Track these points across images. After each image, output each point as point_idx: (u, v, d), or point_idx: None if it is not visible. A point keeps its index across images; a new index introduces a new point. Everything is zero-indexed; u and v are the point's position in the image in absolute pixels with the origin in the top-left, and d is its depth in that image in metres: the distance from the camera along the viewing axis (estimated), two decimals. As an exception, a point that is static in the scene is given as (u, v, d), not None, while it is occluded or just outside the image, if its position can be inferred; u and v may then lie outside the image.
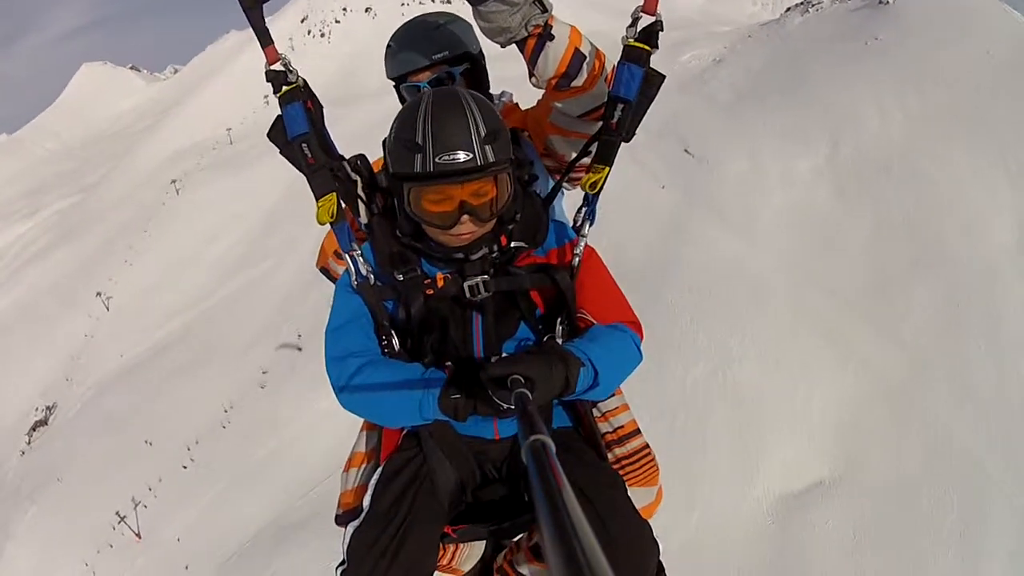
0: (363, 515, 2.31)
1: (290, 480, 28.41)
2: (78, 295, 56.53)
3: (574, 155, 2.85)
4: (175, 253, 55.85)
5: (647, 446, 2.70)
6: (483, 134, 2.20)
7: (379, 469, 2.46)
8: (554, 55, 2.56)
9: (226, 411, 34.29)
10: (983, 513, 21.28)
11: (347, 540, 2.31)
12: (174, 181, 64.75)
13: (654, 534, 2.22)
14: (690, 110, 38.28)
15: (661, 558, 2.27)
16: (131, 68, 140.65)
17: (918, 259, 30.46)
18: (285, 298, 43.23)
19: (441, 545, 2.63)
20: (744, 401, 23.17)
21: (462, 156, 2.17)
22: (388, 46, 3.28)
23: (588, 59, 2.62)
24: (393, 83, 3.31)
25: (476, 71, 3.24)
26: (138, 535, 29.42)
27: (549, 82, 2.65)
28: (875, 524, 20.91)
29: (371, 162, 2.89)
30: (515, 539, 2.81)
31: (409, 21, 3.31)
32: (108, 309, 53.04)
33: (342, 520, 2.54)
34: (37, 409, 47.81)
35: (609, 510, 2.18)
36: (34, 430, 46.49)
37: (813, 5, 70.29)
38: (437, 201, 2.23)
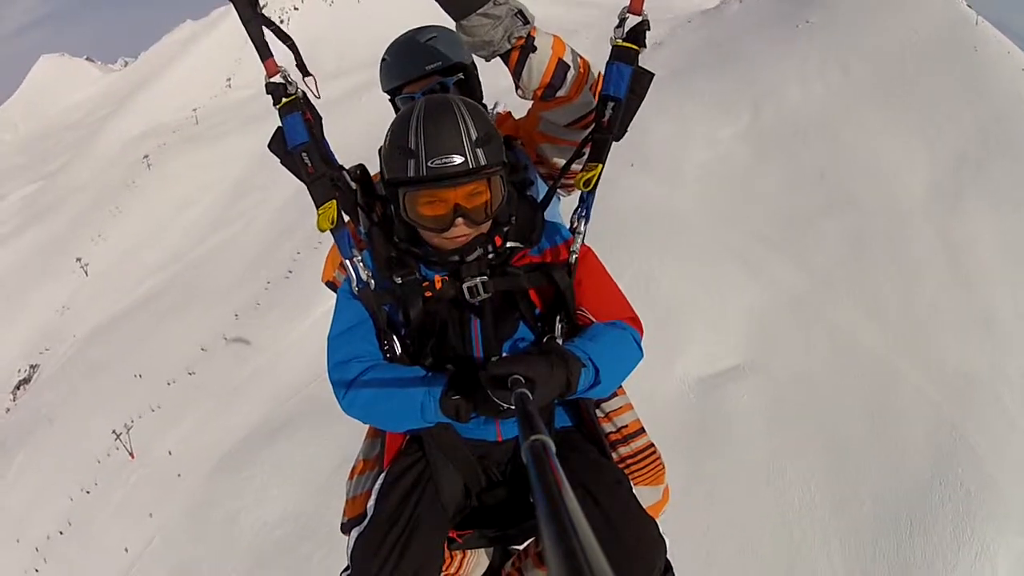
0: (367, 519, 2.45)
1: (276, 390, 31.08)
2: (54, 265, 57.30)
3: (563, 161, 2.99)
4: (150, 220, 57.41)
5: (652, 445, 2.82)
6: (475, 138, 2.35)
7: (382, 474, 2.59)
8: (538, 66, 2.68)
9: (197, 358, 36.67)
10: (890, 400, 24.71)
11: (351, 545, 2.46)
12: (146, 156, 66.03)
13: (661, 532, 2.30)
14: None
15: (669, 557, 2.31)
16: (87, 59, 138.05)
17: (828, 205, 34.26)
18: (257, 253, 45.55)
19: (449, 553, 2.80)
20: (662, 306, 25.46)
21: (455, 159, 2.32)
22: (383, 59, 3.51)
23: (572, 69, 2.75)
24: (388, 96, 3.52)
25: (469, 81, 3.45)
26: (131, 454, 31.09)
27: (535, 93, 2.79)
28: (787, 401, 24.06)
29: (371, 174, 3.08)
30: (523, 545, 2.97)
31: (402, 35, 3.53)
32: (87, 275, 54.17)
33: (347, 527, 2.68)
34: (20, 370, 48.33)
35: (615, 508, 2.26)
36: (18, 388, 46.88)
37: (752, -8, 73.32)
38: (431, 204, 2.39)
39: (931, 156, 37.97)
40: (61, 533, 28.75)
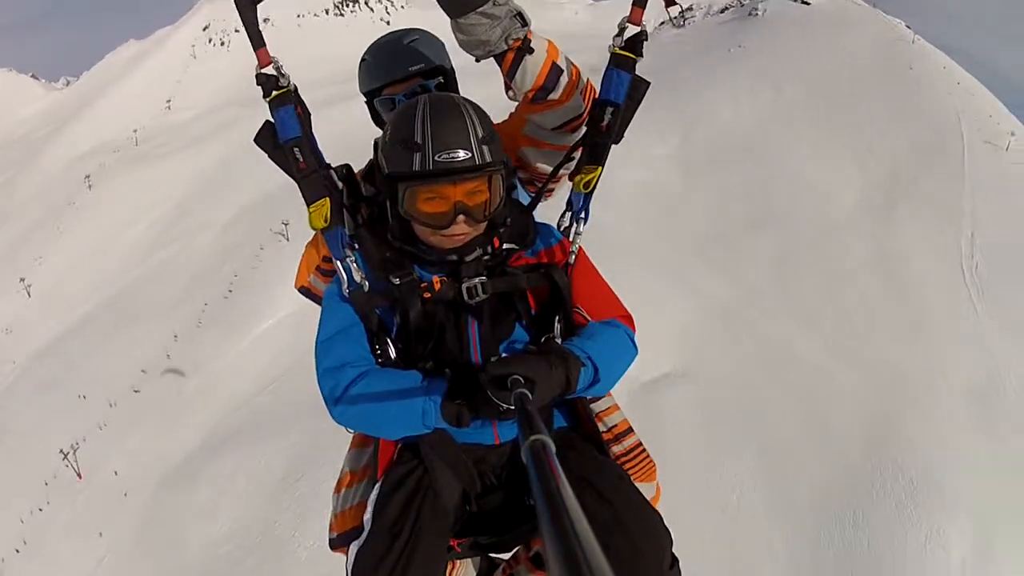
0: (366, 532, 2.28)
1: (218, 406, 31.50)
2: None
3: (545, 166, 2.94)
4: (91, 241, 57.19)
5: (641, 443, 2.76)
6: (480, 135, 2.28)
7: (377, 485, 2.42)
8: (532, 69, 2.60)
9: (140, 376, 36.75)
10: (824, 401, 26.05)
11: (351, 560, 2.27)
12: (87, 176, 65.94)
13: (666, 524, 2.25)
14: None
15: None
16: (31, 76, 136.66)
17: (757, 220, 36.09)
18: (196, 274, 46.08)
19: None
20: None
21: (461, 154, 2.23)
22: (363, 60, 3.33)
23: (564, 72, 2.67)
24: (365, 98, 3.35)
25: (449, 85, 3.32)
26: (79, 475, 31.01)
27: (526, 95, 2.69)
28: (721, 405, 25.05)
29: (355, 174, 2.92)
30: (509, 554, 2.86)
31: (382, 37, 3.38)
32: (30, 296, 54.06)
33: (338, 543, 2.54)
34: None
35: (621, 503, 2.22)
36: None
37: (687, 20, 75.06)
38: (432, 200, 2.28)
39: (862, 172, 39.62)
40: (17, 551, 28.86)
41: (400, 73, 3.20)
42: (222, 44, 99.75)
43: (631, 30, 2.69)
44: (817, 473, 23.38)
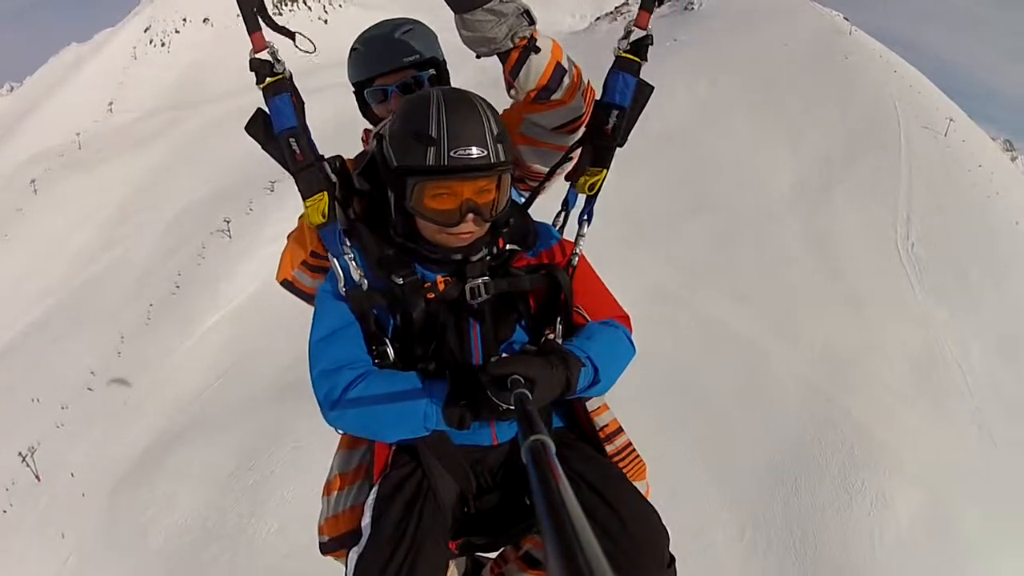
0: (365, 539, 2.21)
1: (169, 403, 32.12)
2: None
3: (540, 165, 2.88)
4: (39, 247, 57.40)
5: (631, 443, 2.73)
6: (495, 132, 2.21)
7: (375, 489, 2.35)
8: (536, 68, 2.57)
9: (92, 376, 37.21)
10: (762, 376, 26.94)
11: (352, 567, 2.19)
12: (33, 181, 66.02)
13: (663, 523, 2.24)
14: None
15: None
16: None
17: (693, 206, 37.23)
18: (140, 275, 46.80)
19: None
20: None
21: (475, 151, 2.15)
22: (353, 49, 3.22)
23: (568, 73, 2.65)
24: (354, 88, 3.25)
25: (441, 77, 3.23)
26: (38, 477, 31.39)
27: (528, 94, 2.64)
28: (661, 383, 25.27)
29: (348, 167, 2.77)
30: (495, 552, 2.84)
31: (374, 26, 3.28)
32: (-24, 304, 53.03)
33: (330, 547, 2.48)
34: None
35: (621, 501, 2.21)
36: None
37: (622, 14, 76.06)
38: (442, 198, 2.20)
39: (797, 157, 40.97)
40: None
41: (394, 63, 3.10)
42: (163, 45, 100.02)
43: (637, 33, 2.61)
44: (758, 444, 24.20)
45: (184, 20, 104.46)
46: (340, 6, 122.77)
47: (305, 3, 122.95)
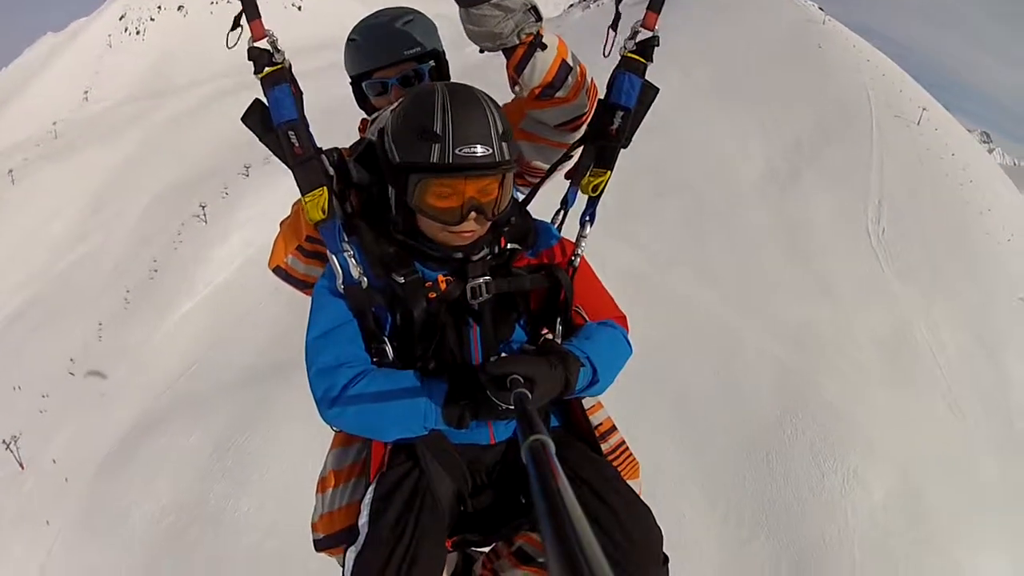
0: (363, 538, 2.18)
1: (147, 389, 32.52)
2: None
3: (539, 162, 2.86)
4: (17, 237, 57.59)
5: (624, 441, 2.74)
6: (500, 130, 2.18)
7: (372, 487, 2.31)
8: (542, 65, 2.55)
9: (71, 364, 37.68)
10: (733, 357, 27.47)
11: (349, 566, 2.17)
12: (11, 171, 66.10)
13: (657, 523, 2.24)
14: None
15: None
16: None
17: (663, 192, 37.80)
18: (116, 263, 47.29)
19: None
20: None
21: (480, 150, 2.12)
22: (351, 40, 3.13)
23: (573, 71, 2.63)
24: (351, 79, 3.17)
25: (441, 70, 3.18)
26: (21, 465, 31.76)
27: (532, 91, 2.61)
28: (631, 364, 26.07)
29: (346, 159, 2.68)
30: (487, 548, 2.84)
31: (373, 15, 3.20)
32: (-44, 294, 52.87)
33: (325, 544, 2.45)
34: None
35: (618, 501, 2.21)
36: None
37: (596, 2, 76.29)
38: (445, 196, 2.17)
39: (767, 143, 41.64)
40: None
41: (395, 56, 3.01)
42: (138, 33, 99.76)
43: (643, 34, 2.62)
44: (729, 422, 24.75)
45: (159, 8, 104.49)
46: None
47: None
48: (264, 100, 2.41)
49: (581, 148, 2.66)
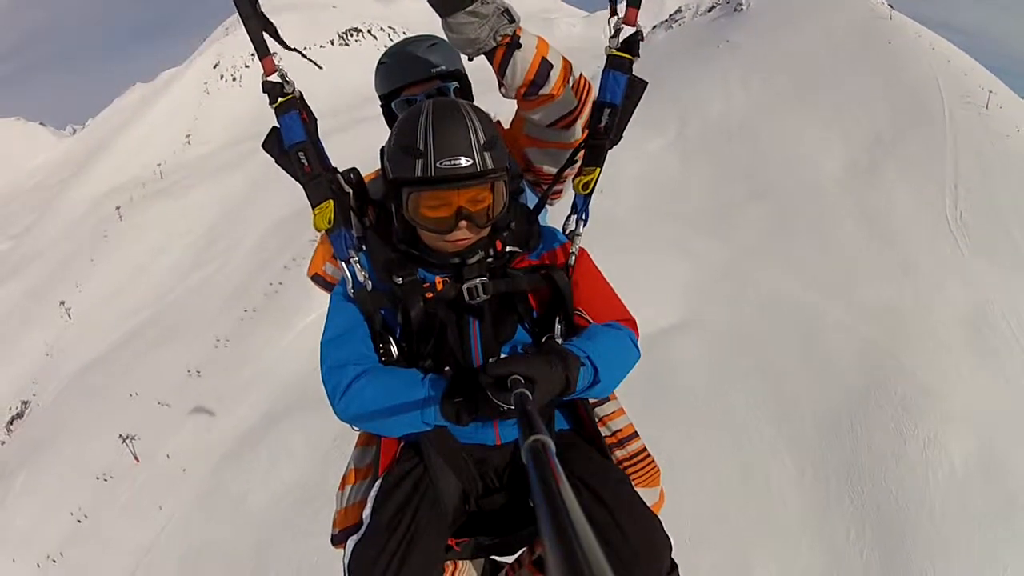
0: (363, 528, 2.14)
1: (269, 392, 34.53)
2: (36, 314, 60.02)
3: (550, 167, 2.76)
4: (126, 267, 61.25)
5: (646, 448, 2.56)
6: (482, 141, 2.08)
7: (378, 482, 2.25)
8: (522, 64, 2.44)
9: (192, 372, 39.91)
10: (819, 335, 28.51)
11: (348, 555, 2.11)
12: (118, 207, 70.07)
13: (665, 530, 2.08)
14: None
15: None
16: (40, 124, 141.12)
17: (752, 194, 39.40)
18: (234, 288, 50.01)
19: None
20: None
21: (463, 161, 2.04)
22: (381, 63, 3.16)
23: (555, 67, 2.49)
24: (381, 100, 3.16)
25: (465, 89, 3.13)
26: (136, 458, 33.65)
27: (518, 92, 2.48)
28: (724, 346, 27.58)
29: (363, 178, 2.71)
30: (516, 555, 2.75)
31: (400, 42, 3.24)
32: (71, 318, 57.11)
33: (339, 538, 2.37)
34: (11, 408, 50.36)
35: (621, 506, 2.08)
36: (11, 423, 48.81)
37: (676, 21, 78.10)
38: (435, 207, 2.11)
39: (846, 140, 43.12)
40: (85, 518, 31.44)
41: (421, 74, 3.07)
42: (234, 80, 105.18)
43: (626, 31, 2.45)
44: (816, 394, 25.82)
45: (252, 55, 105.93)
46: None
47: (370, 33, 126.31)
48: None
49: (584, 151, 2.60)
